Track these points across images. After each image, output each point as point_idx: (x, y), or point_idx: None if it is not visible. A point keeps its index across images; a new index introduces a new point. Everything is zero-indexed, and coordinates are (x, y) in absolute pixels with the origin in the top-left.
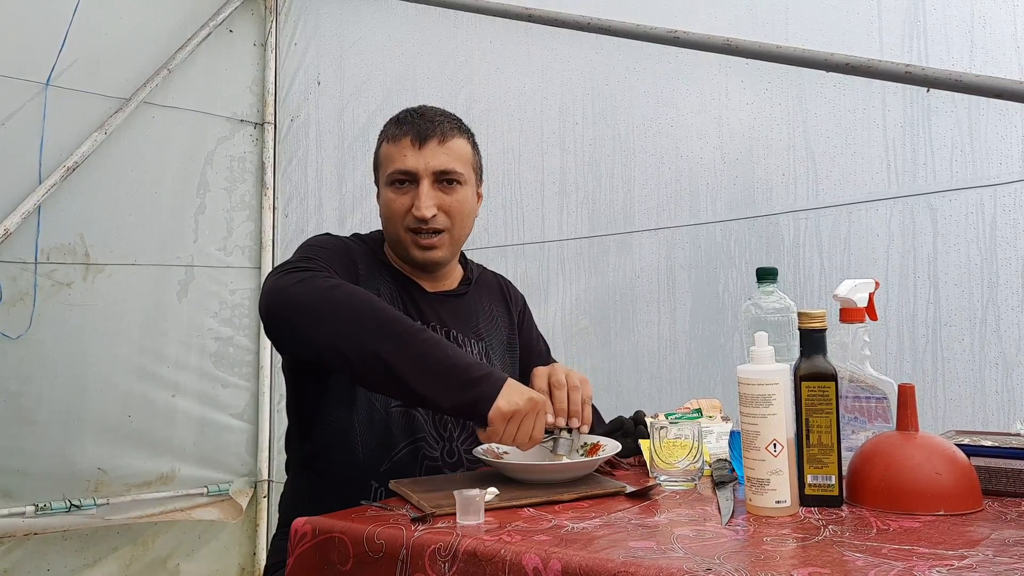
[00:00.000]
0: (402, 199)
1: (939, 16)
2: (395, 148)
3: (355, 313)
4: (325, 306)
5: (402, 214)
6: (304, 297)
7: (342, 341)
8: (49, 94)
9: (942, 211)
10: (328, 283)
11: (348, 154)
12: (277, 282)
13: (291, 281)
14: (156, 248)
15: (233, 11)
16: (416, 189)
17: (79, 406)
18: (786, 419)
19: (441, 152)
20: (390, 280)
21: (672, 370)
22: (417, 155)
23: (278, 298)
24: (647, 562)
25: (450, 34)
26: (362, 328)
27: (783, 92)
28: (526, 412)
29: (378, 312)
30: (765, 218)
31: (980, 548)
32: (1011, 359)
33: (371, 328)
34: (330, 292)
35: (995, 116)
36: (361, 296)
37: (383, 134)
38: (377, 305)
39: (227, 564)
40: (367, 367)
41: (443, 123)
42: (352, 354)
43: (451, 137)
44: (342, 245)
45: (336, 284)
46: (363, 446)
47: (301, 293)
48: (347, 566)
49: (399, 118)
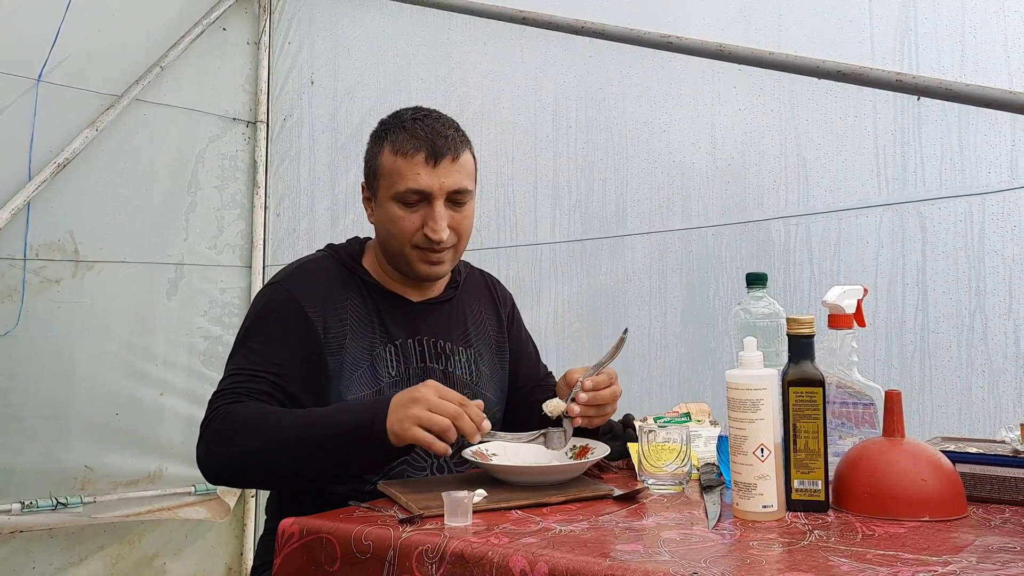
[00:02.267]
0: (412, 218)
1: (930, 25)
2: (406, 164)
3: (264, 457)
4: (241, 467)
5: (411, 232)
6: (219, 463)
7: (274, 477)
8: (40, 90)
9: (931, 219)
10: (225, 438)
11: (341, 154)
12: (197, 455)
13: (201, 453)
14: (146, 246)
15: (227, 9)
16: (428, 208)
17: (66, 403)
18: (774, 424)
19: (454, 171)
20: (360, 298)
21: (662, 373)
22: (432, 174)
23: (205, 470)
24: (634, 565)
25: (444, 35)
26: (276, 464)
27: (775, 99)
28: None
29: (272, 446)
30: (756, 223)
31: (964, 554)
32: (998, 366)
33: (278, 460)
34: (236, 457)
35: (984, 125)
36: (259, 437)
37: (388, 141)
38: (272, 439)
39: (214, 563)
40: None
41: (454, 138)
42: (291, 478)
43: (461, 153)
44: (285, 307)
45: (230, 432)
46: None
47: (217, 467)
48: (334, 567)
49: (407, 128)
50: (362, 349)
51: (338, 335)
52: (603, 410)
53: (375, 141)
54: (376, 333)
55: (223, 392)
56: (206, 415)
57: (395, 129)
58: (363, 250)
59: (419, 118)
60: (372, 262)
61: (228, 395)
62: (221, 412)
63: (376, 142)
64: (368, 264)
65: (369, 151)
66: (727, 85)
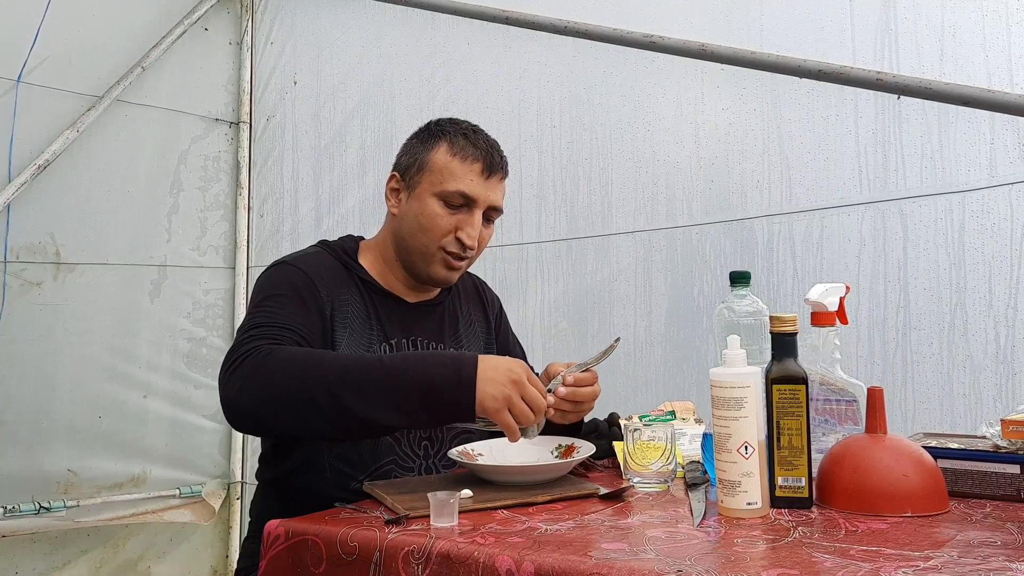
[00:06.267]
0: (450, 219)
1: (910, 25)
2: (463, 168)
3: (307, 390)
4: (276, 402)
5: (444, 232)
6: (252, 404)
7: (310, 421)
8: (20, 91)
9: (912, 217)
10: (267, 375)
11: (325, 154)
12: (224, 389)
13: (235, 388)
14: (128, 247)
15: (208, 9)
16: (467, 215)
17: (48, 406)
18: (757, 422)
19: (499, 188)
20: (358, 294)
21: (648, 372)
22: (483, 185)
23: (230, 408)
24: (619, 564)
25: (428, 36)
26: (317, 402)
27: (758, 98)
28: (516, 395)
29: (326, 373)
30: (740, 222)
31: (945, 549)
32: (978, 363)
33: (325, 399)
34: (272, 386)
35: (964, 123)
36: (304, 367)
37: (447, 140)
38: (325, 364)
39: (199, 566)
40: (344, 429)
41: (504, 160)
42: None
43: (506, 175)
44: (298, 281)
45: (274, 372)
46: (331, 468)
47: (248, 400)
48: (320, 568)
49: (468, 136)
50: (359, 345)
51: (341, 325)
52: (580, 407)
53: (429, 136)
54: (373, 331)
55: (253, 336)
56: (238, 353)
57: (455, 133)
58: (358, 248)
59: (478, 131)
60: (369, 260)
61: (260, 338)
62: (263, 349)
63: (430, 137)
64: (364, 262)
65: (417, 144)
66: (710, 85)
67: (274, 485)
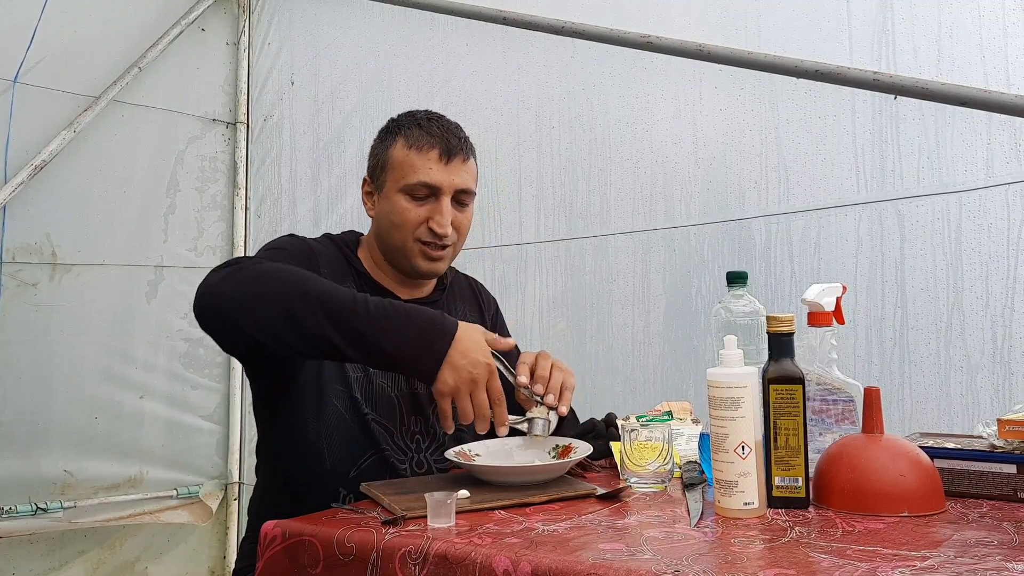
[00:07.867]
0: (418, 210)
1: (907, 25)
2: (419, 158)
3: (285, 292)
4: (253, 297)
5: (415, 224)
6: (231, 289)
7: (275, 325)
8: (16, 91)
9: (909, 217)
10: (255, 271)
11: (323, 154)
12: (206, 279)
13: (218, 277)
14: (125, 248)
15: (206, 9)
16: (435, 203)
17: (45, 407)
18: (754, 422)
19: (463, 171)
20: (355, 285)
21: (645, 372)
22: (444, 171)
23: (206, 294)
24: (617, 564)
25: (426, 36)
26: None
27: (755, 98)
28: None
29: (309, 287)
30: (737, 222)
31: (942, 549)
32: (975, 363)
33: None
34: (256, 280)
35: (961, 124)
36: (289, 274)
37: (401, 135)
38: (307, 279)
39: (196, 567)
40: (311, 345)
41: (465, 141)
42: (290, 336)
43: (470, 156)
44: (303, 246)
45: (262, 270)
46: (329, 454)
47: (229, 286)
48: (317, 569)
49: (423, 125)
50: None
51: None
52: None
53: (386, 135)
54: None
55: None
56: (232, 259)
57: (409, 126)
58: (358, 243)
59: (433, 118)
60: (366, 256)
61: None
62: (256, 258)
63: (387, 136)
64: (362, 257)
65: (377, 145)
66: (708, 85)
67: (273, 474)
